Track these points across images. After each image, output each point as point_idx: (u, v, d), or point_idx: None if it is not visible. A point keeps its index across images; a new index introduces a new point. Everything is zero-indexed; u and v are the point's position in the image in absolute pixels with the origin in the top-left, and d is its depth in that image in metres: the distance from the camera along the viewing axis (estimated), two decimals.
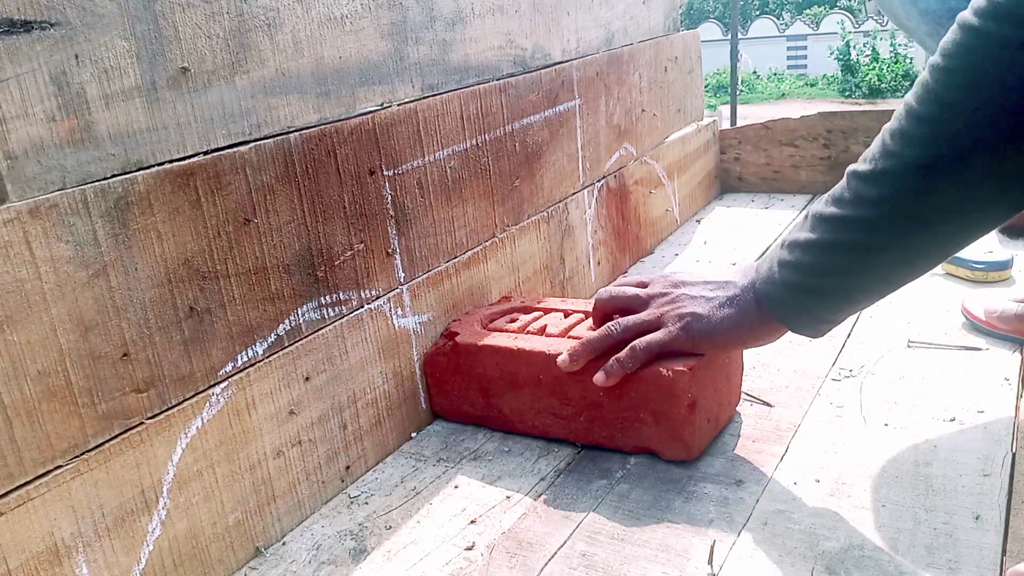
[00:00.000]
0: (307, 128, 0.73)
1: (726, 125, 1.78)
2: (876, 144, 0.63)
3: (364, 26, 0.79)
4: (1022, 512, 0.65)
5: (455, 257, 0.93)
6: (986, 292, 1.03)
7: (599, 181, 1.25)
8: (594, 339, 0.78)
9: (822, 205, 0.66)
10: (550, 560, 0.66)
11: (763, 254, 0.71)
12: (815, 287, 0.67)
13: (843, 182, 0.65)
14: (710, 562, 0.63)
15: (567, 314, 0.90)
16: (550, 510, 0.72)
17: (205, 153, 0.64)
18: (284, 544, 0.72)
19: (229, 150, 0.66)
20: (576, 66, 1.15)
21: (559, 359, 0.79)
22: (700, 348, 0.75)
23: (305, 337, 0.74)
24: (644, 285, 0.81)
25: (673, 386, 0.74)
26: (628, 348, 0.76)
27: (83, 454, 0.57)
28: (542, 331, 0.86)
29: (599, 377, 0.76)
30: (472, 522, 0.72)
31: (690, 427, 0.75)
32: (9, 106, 0.52)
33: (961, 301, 1.00)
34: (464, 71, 0.94)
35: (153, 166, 0.60)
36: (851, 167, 0.65)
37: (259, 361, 0.69)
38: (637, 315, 0.78)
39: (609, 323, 0.79)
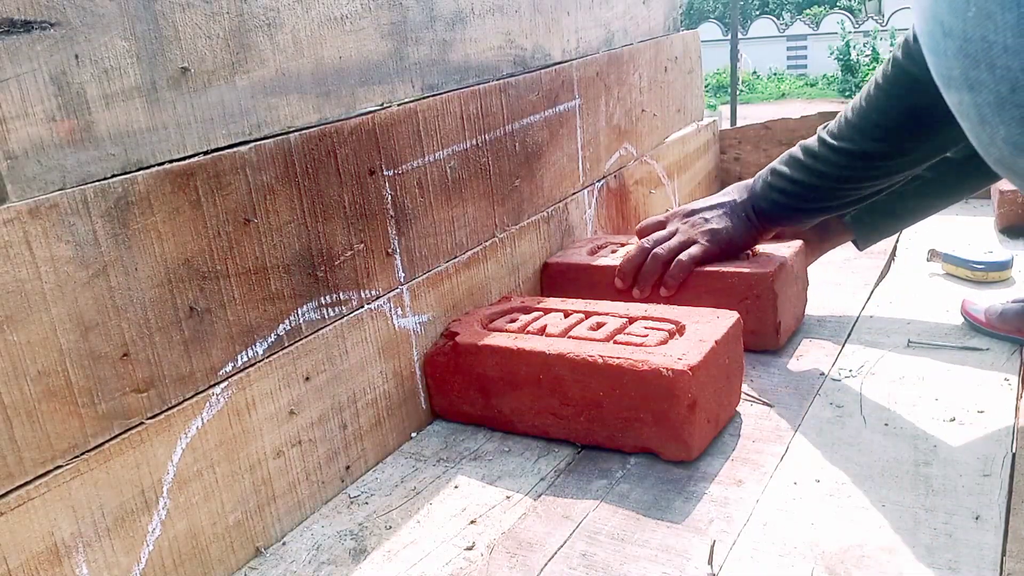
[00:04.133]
0: (307, 128, 0.73)
1: (726, 125, 1.78)
2: (841, 123, 0.90)
3: (364, 26, 0.79)
4: (1022, 512, 0.65)
5: (455, 257, 0.93)
6: (986, 293, 1.03)
7: (599, 181, 1.25)
8: (632, 255, 1.01)
9: (799, 151, 0.94)
10: (550, 560, 0.66)
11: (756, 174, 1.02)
12: (794, 207, 0.96)
13: (815, 142, 0.93)
14: (710, 562, 0.63)
15: (567, 314, 0.90)
16: (550, 510, 0.72)
17: (205, 153, 0.64)
18: (284, 544, 0.72)
19: (229, 150, 0.66)
20: (576, 66, 1.15)
21: (616, 281, 1.01)
22: (725, 254, 0.99)
23: (305, 337, 0.74)
24: (665, 220, 1.06)
25: (673, 386, 0.74)
26: (675, 263, 0.97)
27: (83, 454, 0.57)
28: (542, 331, 0.86)
29: (663, 291, 0.98)
30: (472, 522, 0.72)
31: (690, 427, 0.75)
32: (9, 106, 0.52)
33: (961, 302, 1.00)
34: (464, 71, 0.94)
35: (153, 166, 0.60)
36: (823, 135, 0.92)
37: (259, 361, 0.69)
38: (666, 232, 1.01)
39: (641, 239, 1.02)
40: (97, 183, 0.57)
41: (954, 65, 0.57)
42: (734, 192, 1.01)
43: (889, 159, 0.87)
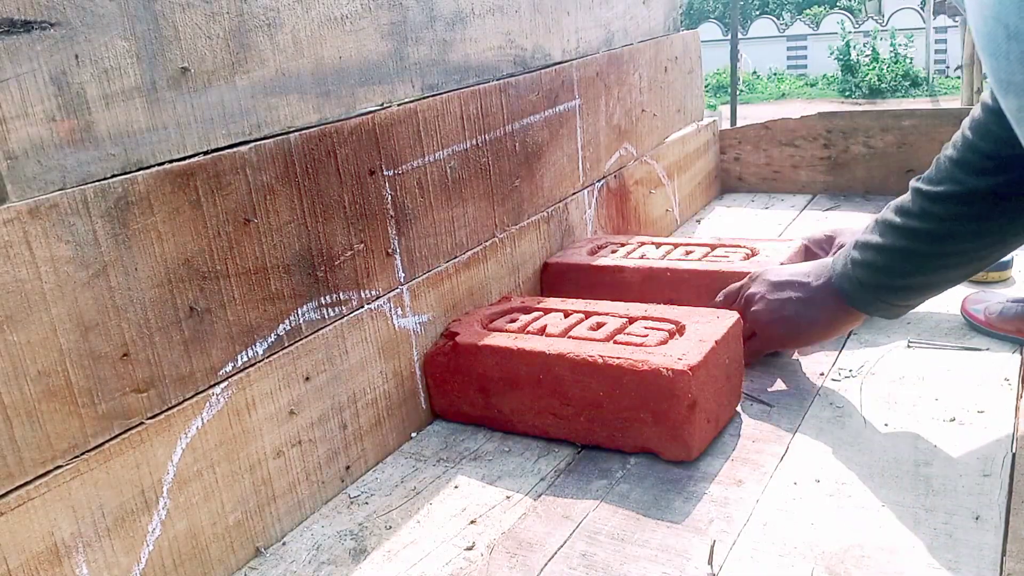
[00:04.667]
0: (307, 128, 0.73)
1: (726, 125, 1.78)
2: (939, 164, 0.76)
3: (364, 26, 0.79)
4: (1022, 512, 0.65)
5: (455, 257, 0.93)
6: (986, 292, 1.03)
7: (599, 181, 1.25)
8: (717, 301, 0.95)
9: (890, 214, 0.79)
10: (550, 560, 0.66)
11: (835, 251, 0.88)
12: (887, 284, 0.80)
13: (908, 196, 0.78)
14: (710, 562, 0.63)
15: (567, 314, 0.90)
16: (550, 510, 0.72)
17: (205, 153, 0.64)
18: (284, 544, 0.72)
19: (229, 150, 0.66)
20: (576, 66, 1.15)
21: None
22: (789, 347, 0.92)
23: (305, 337, 0.74)
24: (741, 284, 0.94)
25: (673, 386, 0.74)
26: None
27: (83, 454, 0.57)
28: (542, 331, 0.86)
29: None
30: (472, 522, 0.72)
31: (690, 427, 0.75)
32: (9, 106, 0.52)
33: (961, 301, 1.00)
34: (464, 71, 0.93)
35: (153, 166, 0.60)
36: (916, 184, 0.77)
37: (259, 361, 0.69)
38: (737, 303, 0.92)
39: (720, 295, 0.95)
40: (97, 183, 0.57)
41: (1017, 70, 0.55)
42: (814, 274, 0.87)
43: (1006, 198, 0.71)
